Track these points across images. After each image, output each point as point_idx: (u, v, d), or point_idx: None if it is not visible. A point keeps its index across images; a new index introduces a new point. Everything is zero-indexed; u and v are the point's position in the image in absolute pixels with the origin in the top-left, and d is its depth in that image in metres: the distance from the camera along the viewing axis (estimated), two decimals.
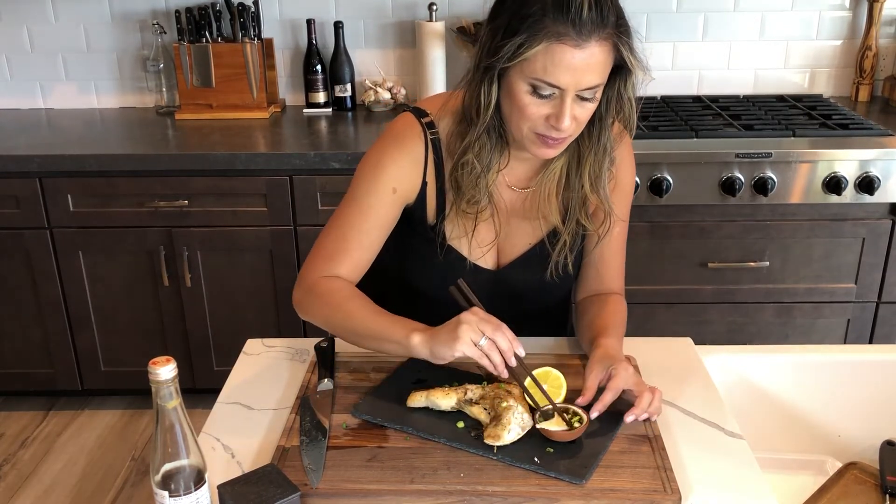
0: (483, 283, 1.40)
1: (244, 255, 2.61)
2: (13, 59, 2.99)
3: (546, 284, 1.43)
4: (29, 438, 2.75)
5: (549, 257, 1.41)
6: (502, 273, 1.44)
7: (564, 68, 1.18)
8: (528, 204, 1.42)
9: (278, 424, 1.23)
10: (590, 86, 1.21)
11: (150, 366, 0.95)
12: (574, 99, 1.21)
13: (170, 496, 0.98)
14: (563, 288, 1.49)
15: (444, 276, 1.36)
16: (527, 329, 1.46)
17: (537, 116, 1.24)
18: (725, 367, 1.44)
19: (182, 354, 2.71)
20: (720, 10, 2.89)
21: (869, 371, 1.45)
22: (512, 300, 1.43)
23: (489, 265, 1.44)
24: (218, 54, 2.79)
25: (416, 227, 1.41)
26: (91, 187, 2.52)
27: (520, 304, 1.45)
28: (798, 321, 2.61)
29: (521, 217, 1.42)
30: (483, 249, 1.42)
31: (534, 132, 1.26)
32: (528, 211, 1.42)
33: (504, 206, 1.41)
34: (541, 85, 1.21)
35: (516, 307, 1.41)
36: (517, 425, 1.15)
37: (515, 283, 1.44)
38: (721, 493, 1.09)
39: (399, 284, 1.50)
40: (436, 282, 1.40)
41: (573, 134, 1.27)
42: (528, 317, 1.43)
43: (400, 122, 1.40)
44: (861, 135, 2.47)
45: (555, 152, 1.30)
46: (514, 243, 1.43)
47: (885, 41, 2.92)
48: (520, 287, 1.44)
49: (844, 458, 1.43)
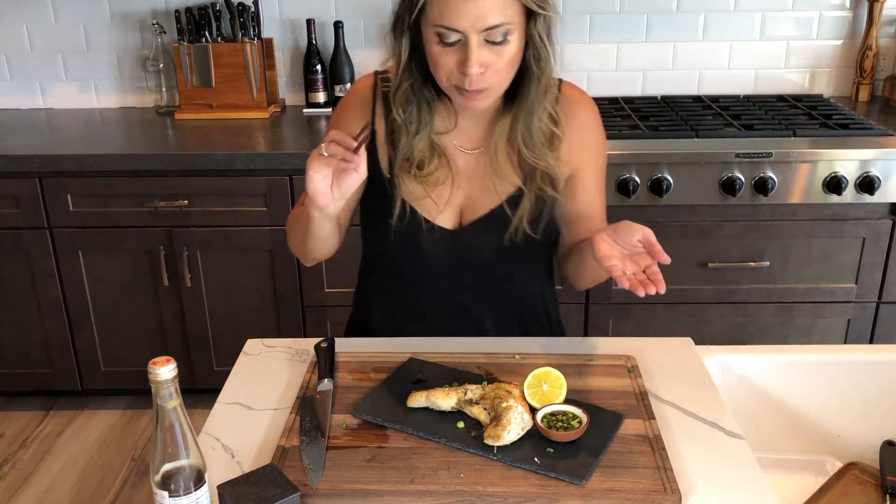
0: (442, 242, 1.41)
1: (244, 255, 2.61)
2: (13, 58, 2.99)
3: (506, 249, 1.41)
4: (29, 438, 2.75)
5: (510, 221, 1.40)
6: (461, 233, 1.42)
7: (457, 10, 1.20)
8: (484, 166, 1.41)
9: (278, 424, 1.23)
10: (490, 25, 1.21)
11: (149, 366, 0.95)
12: (481, 43, 1.22)
13: (170, 496, 0.98)
14: (525, 257, 1.45)
15: (405, 235, 1.39)
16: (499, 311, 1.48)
17: (449, 67, 1.25)
18: (725, 367, 1.44)
19: (182, 354, 2.71)
20: (720, 10, 2.89)
21: (869, 371, 1.45)
22: (472, 263, 1.43)
23: (448, 225, 1.42)
24: (218, 54, 2.79)
25: (373, 181, 1.40)
26: (91, 187, 2.52)
27: (480, 268, 1.44)
28: (798, 321, 2.61)
29: (482, 179, 1.41)
30: (440, 209, 1.41)
31: (452, 85, 1.27)
32: (486, 173, 1.41)
33: (460, 167, 1.41)
34: (443, 31, 1.22)
35: (478, 272, 1.43)
36: (517, 425, 1.15)
37: (474, 244, 1.42)
38: (721, 493, 1.09)
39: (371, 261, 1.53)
40: (396, 244, 1.42)
41: (493, 84, 1.27)
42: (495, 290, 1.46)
43: (356, 81, 1.47)
44: (861, 135, 2.47)
45: (478, 105, 1.30)
46: (476, 205, 1.42)
47: (886, 41, 2.92)
48: (479, 249, 1.42)
49: (844, 458, 1.43)
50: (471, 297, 1.49)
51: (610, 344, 1.45)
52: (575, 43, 2.88)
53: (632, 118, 2.63)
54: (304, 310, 2.66)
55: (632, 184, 2.40)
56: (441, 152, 1.41)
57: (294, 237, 1.45)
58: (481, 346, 1.42)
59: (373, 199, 1.44)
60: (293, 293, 2.64)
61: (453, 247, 1.42)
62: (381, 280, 1.54)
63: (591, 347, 1.43)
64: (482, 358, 1.38)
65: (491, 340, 1.45)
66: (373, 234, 1.49)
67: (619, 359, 1.37)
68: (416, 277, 1.47)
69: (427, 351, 1.40)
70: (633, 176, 2.41)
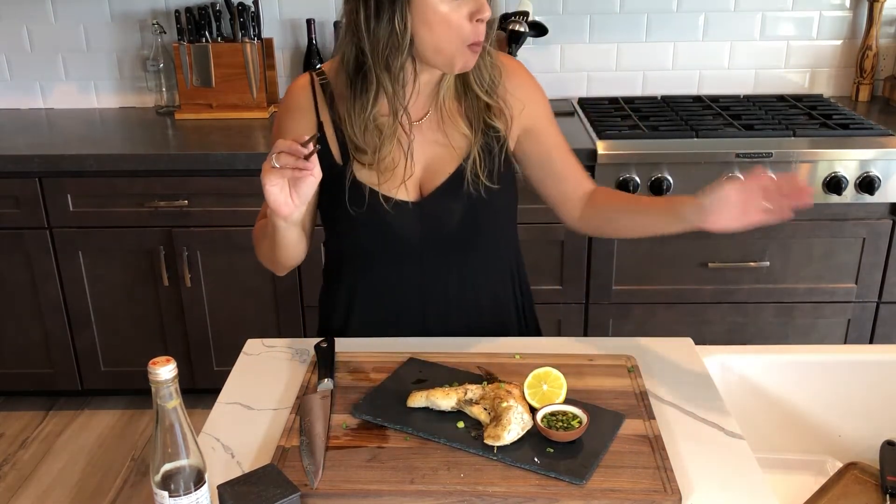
0: (406, 216, 1.41)
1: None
2: (13, 59, 2.99)
3: (471, 214, 1.42)
4: (29, 438, 2.75)
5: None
6: (423, 204, 1.42)
7: None
8: (439, 130, 1.42)
9: (278, 424, 1.23)
10: None
11: (149, 366, 0.95)
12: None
13: (170, 496, 0.98)
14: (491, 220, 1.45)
15: (369, 220, 1.40)
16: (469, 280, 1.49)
17: (461, 23, 1.28)
18: (725, 367, 1.44)
19: (182, 354, 2.71)
20: (720, 10, 2.89)
21: (869, 371, 1.45)
22: (439, 232, 1.43)
23: (410, 198, 1.42)
24: (218, 54, 2.79)
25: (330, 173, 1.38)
26: (91, 187, 2.52)
27: (447, 235, 1.43)
28: (798, 321, 2.61)
29: (441, 144, 1.42)
30: (399, 186, 1.40)
31: (465, 44, 1.30)
32: (443, 136, 1.42)
33: (413, 139, 1.41)
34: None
35: (446, 240, 1.43)
36: (517, 425, 1.15)
37: (438, 211, 1.42)
38: (721, 493, 1.09)
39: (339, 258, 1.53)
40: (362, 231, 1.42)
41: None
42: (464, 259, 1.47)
43: (292, 82, 1.48)
44: (861, 135, 2.47)
45: (475, 58, 1.33)
46: (436, 174, 1.42)
47: (886, 41, 2.92)
48: (443, 216, 1.42)
49: (844, 458, 1.43)
50: (444, 275, 1.48)
51: (610, 344, 1.45)
52: (575, 43, 2.88)
53: (632, 118, 2.63)
54: (304, 310, 2.66)
55: (632, 184, 2.40)
56: (389, 134, 1.39)
57: (262, 249, 1.45)
58: (481, 346, 1.42)
59: (331, 193, 1.43)
60: (293, 293, 2.64)
61: (419, 220, 1.42)
62: (352, 274, 1.51)
63: (591, 347, 1.43)
64: (482, 358, 1.38)
65: (491, 340, 1.45)
66: (338, 228, 1.48)
67: (619, 359, 1.37)
68: (387, 261, 1.46)
69: (427, 351, 1.40)
70: (633, 176, 2.41)
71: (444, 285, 1.48)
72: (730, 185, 1.26)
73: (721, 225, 1.28)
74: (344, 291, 1.54)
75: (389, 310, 1.50)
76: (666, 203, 1.44)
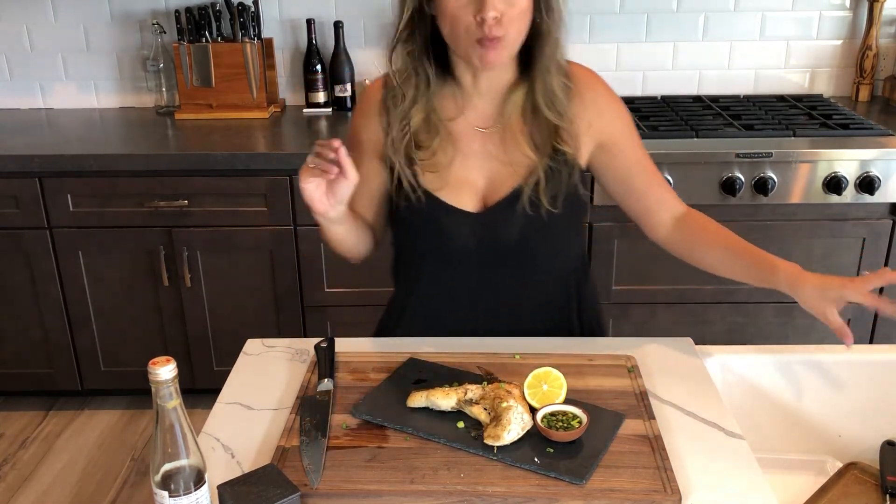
0: (463, 224, 1.41)
1: (244, 255, 2.61)
2: (13, 59, 2.99)
3: (531, 230, 1.41)
4: (29, 438, 2.75)
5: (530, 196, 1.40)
6: (484, 216, 1.42)
7: None
8: (501, 145, 1.42)
9: (278, 424, 1.23)
10: None
11: (149, 366, 0.95)
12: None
13: (170, 496, 0.98)
14: (551, 236, 1.44)
15: (428, 223, 1.41)
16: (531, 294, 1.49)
17: (467, 20, 1.28)
18: (725, 367, 1.44)
19: (182, 354, 2.71)
20: (720, 10, 2.89)
21: (869, 371, 1.45)
22: (497, 243, 1.43)
23: (471, 209, 1.42)
24: (218, 54, 2.79)
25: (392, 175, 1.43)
26: (91, 187, 2.52)
27: (504, 246, 1.43)
28: (798, 321, 2.61)
29: (502, 161, 1.42)
30: (460, 192, 1.41)
31: (472, 40, 1.30)
32: (505, 153, 1.42)
33: (476, 149, 1.42)
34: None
35: (503, 251, 1.43)
36: (517, 425, 1.15)
37: (496, 225, 1.42)
38: (721, 493, 1.09)
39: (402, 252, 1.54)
40: (421, 231, 1.43)
41: (507, 34, 1.29)
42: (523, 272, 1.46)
43: (369, 84, 1.51)
44: (861, 135, 2.47)
45: (496, 57, 1.31)
46: (498, 187, 1.42)
47: (886, 41, 2.92)
48: (501, 229, 1.42)
49: (844, 458, 1.43)
50: (500, 283, 1.48)
51: (610, 344, 1.45)
52: (575, 43, 2.86)
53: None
54: (304, 310, 2.66)
55: None
56: (446, 131, 1.41)
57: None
58: (481, 346, 1.42)
59: (393, 194, 1.45)
60: (293, 293, 2.64)
61: (476, 230, 1.42)
62: (411, 272, 1.53)
63: (591, 347, 1.43)
64: (482, 358, 1.38)
65: (491, 340, 1.45)
66: (397, 228, 1.50)
67: (619, 359, 1.37)
68: (442, 265, 1.47)
69: (427, 351, 1.40)
70: None
71: (498, 290, 1.48)
72: (833, 312, 1.32)
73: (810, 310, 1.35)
74: (401, 290, 1.57)
75: (442, 311, 1.51)
76: (762, 260, 1.42)
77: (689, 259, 1.52)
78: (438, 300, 1.50)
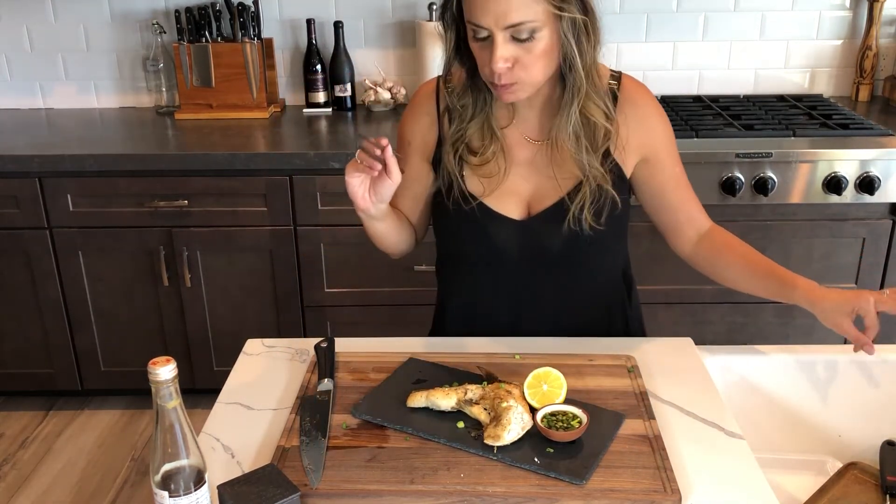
0: (507, 231, 1.43)
1: (244, 255, 2.61)
2: (13, 58, 2.99)
3: (569, 238, 1.41)
4: (29, 438, 2.75)
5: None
6: (527, 223, 1.43)
7: (481, 7, 1.24)
8: (547, 157, 1.42)
9: (278, 424, 1.23)
10: (513, 23, 1.23)
11: (149, 366, 0.95)
12: (507, 39, 1.25)
13: (170, 496, 0.98)
14: (594, 247, 1.44)
15: (470, 227, 1.43)
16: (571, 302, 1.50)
17: (484, 60, 1.29)
18: (725, 367, 1.44)
19: (182, 354, 2.71)
20: (720, 10, 2.89)
21: (869, 371, 1.45)
22: (540, 251, 1.44)
23: (516, 216, 1.44)
24: (218, 54, 2.79)
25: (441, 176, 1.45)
26: (91, 187, 2.52)
27: (547, 255, 1.44)
28: (798, 321, 2.61)
29: (548, 171, 1.42)
30: (506, 200, 1.43)
31: (489, 79, 1.31)
32: (549, 164, 1.42)
33: (524, 158, 1.43)
34: (474, 28, 1.27)
35: (546, 259, 1.44)
36: (517, 425, 1.15)
37: (540, 234, 1.43)
38: (721, 493, 1.09)
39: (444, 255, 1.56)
40: (463, 235, 1.45)
41: (522, 79, 1.29)
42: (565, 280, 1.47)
43: (422, 84, 1.51)
44: (861, 135, 2.47)
45: (511, 97, 1.32)
46: (543, 197, 1.43)
47: (886, 41, 2.92)
48: (544, 240, 1.43)
49: (844, 458, 1.43)
50: (542, 288, 1.49)
51: (610, 344, 1.45)
52: None
53: None
54: (304, 310, 2.66)
55: None
56: (500, 142, 1.42)
57: None
58: (481, 346, 1.42)
59: (440, 194, 1.46)
60: (293, 293, 2.64)
61: (520, 237, 1.44)
62: (453, 273, 1.56)
63: (591, 347, 1.43)
64: (482, 358, 1.38)
65: (491, 340, 1.45)
66: (441, 229, 1.52)
67: (619, 359, 1.37)
68: (485, 268, 1.48)
69: (427, 351, 1.40)
70: None
71: (539, 295, 1.49)
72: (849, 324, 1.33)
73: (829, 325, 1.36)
74: (443, 289, 1.59)
75: (482, 312, 1.52)
76: (781, 277, 1.41)
77: (711, 274, 1.53)
78: (481, 302, 1.52)
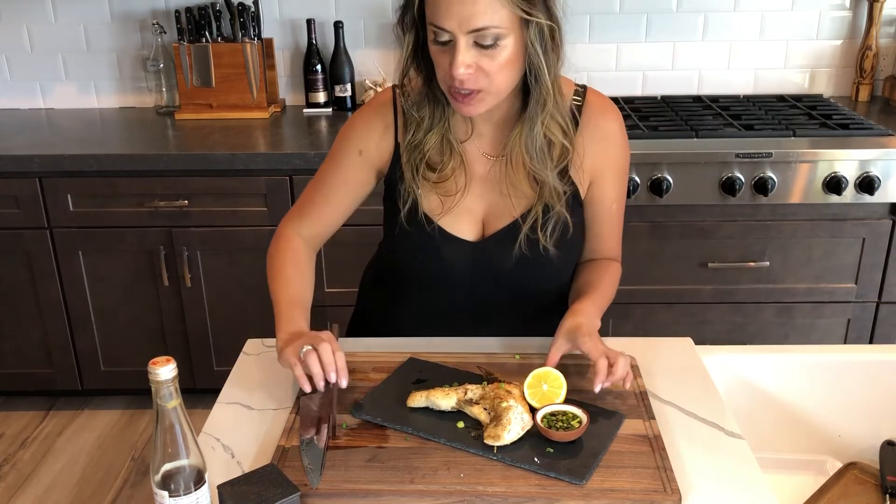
0: (461, 254, 1.41)
1: (244, 255, 2.61)
2: (13, 59, 2.99)
3: (521, 262, 1.38)
4: (29, 438, 2.75)
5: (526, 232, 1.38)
6: (480, 245, 1.41)
7: (446, 9, 1.20)
8: (504, 176, 1.39)
9: (278, 424, 1.23)
10: (477, 27, 1.19)
11: (149, 366, 0.95)
12: (469, 45, 1.21)
13: (170, 496, 0.98)
14: (546, 269, 1.42)
15: (424, 247, 1.40)
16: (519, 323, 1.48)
17: (444, 67, 1.24)
18: (725, 367, 1.44)
19: (182, 354, 2.71)
20: (720, 10, 2.89)
21: (869, 371, 1.45)
22: (491, 275, 1.42)
23: (469, 236, 1.41)
24: (218, 54, 2.79)
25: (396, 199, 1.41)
26: (91, 187, 2.52)
27: (500, 280, 1.43)
28: (798, 321, 2.61)
29: (504, 191, 1.39)
30: (460, 219, 1.40)
31: (447, 87, 1.27)
32: (504, 182, 1.39)
33: (479, 174, 1.40)
34: (435, 30, 1.23)
35: (497, 283, 1.42)
36: (517, 425, 1.15)
37: (492, 257, 1.40)
38: (721, 493, 1.09)
39: (391, 268, 1.53)
40: (416, 254, 1.42)
41: (484, 87, 1.25)
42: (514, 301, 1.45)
43: (378, 93, 1.46)
44: (861, 135, 2.47)
45: (471, 109, 1.28)
46: (498, 218, 1.40)
47: (886, 41, 2.92)
48: (497, 262, 1.40)
49: (844, 458, 1.43)
50: (489, 308, 1.47)
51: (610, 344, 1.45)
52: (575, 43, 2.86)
53: (632, 118, 2.63)
54: None
55: (632, 184, 2.40)
56: (459, 157, 1.38)
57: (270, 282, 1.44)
58: (481, 346, 1.42)
59: (394, 208, 1.42)
60: None
61: (474, 260, 1.41)
62: (401, 282, 1.51)
63: None
64: (482, 358, 1.38)
65: (491, 340, 1.45)
66: (394, 242, 1.46)
67: None
68: (433, 286, 1.46)
69: (427, 351, 1.40)
70: (633, 176, 2.41)
71: (493, 307, 1.48)
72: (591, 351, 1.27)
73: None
74: (387, 294, 1.55)
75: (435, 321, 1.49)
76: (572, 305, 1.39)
77: None
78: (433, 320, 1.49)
